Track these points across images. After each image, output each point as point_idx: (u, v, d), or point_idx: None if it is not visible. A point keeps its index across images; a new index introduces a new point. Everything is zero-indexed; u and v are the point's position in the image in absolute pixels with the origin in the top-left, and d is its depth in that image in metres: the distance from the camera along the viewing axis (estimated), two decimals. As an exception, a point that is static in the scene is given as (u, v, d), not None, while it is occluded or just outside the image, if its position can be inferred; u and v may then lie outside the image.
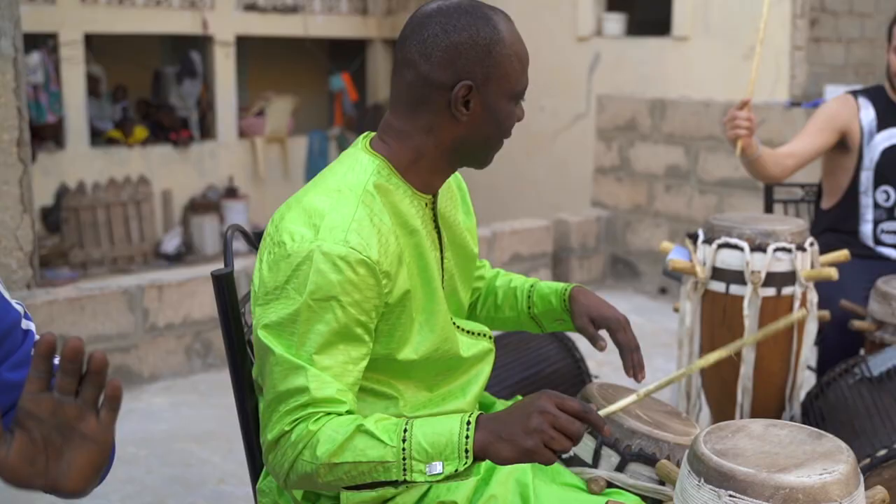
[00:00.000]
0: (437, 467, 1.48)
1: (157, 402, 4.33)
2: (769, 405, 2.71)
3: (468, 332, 1.88)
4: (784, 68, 7.64)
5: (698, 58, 8.04)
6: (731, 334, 2.65)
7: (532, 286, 2.05)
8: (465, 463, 1.48)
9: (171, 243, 10.80)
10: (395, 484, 1.51)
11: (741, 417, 2.68)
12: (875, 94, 3.50)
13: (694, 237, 2.75)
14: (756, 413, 2.69)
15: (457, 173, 1.93)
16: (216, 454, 3.76)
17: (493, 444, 1.48)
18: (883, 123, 3.43)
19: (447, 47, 1.62)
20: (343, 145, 10.73)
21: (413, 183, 1.70)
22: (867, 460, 2.20)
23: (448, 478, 1.49)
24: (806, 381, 3.02)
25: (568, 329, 2.06)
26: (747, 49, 7.77)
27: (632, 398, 1.68)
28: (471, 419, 1.50)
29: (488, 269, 2.14)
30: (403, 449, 1.48)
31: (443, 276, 1.79)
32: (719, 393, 2.74)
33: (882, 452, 2.20)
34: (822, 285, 3.32)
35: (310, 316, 1.55)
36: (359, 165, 1.68)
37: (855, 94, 3.52)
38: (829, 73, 7.94)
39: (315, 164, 10.73)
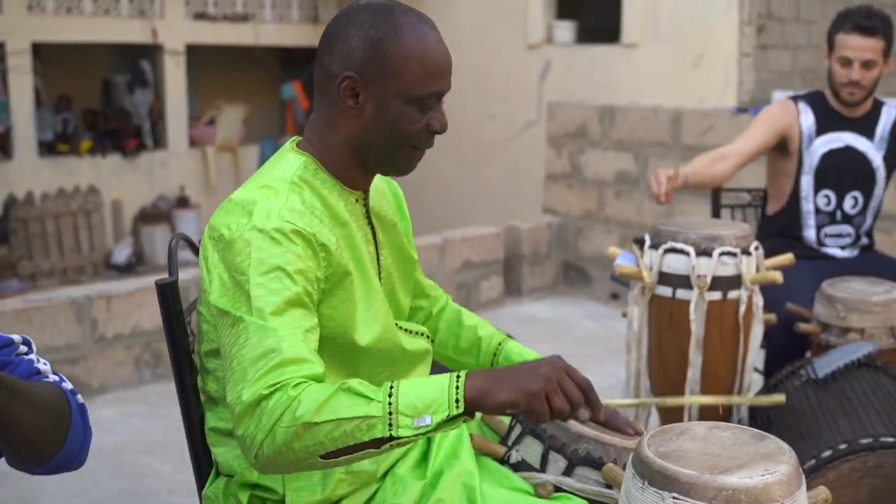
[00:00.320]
0: (427, 419, 1.45)
1: (106, 414, 4.28)
2: (717, 408, 2.73)
3: (407, 330, 1.88)
4: (732, 75, 7.74)
5: (647, 64, 8.11)
6: (678, 339, 2.68)
7: (500, 345, 2.00)
8: (457, 410, 1.46)
9: (122, 254, 10.68)
10: (379, 444, 1.46)
11: (689, 421, 2.70)
12: (815, 100, 3.55)
13: (641, 242, 2.78)
14: (704, 416, 2.72)
15: (392, 181, 1.95)
16: (166, 465, 3.72)
17: (489, 389, 1.47)
18: (822, 128, 3.48)
19: (343, 38, 1.65)
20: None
21: (341, 178, 1.72)
22: (812, 462, 2.23)
23: (438, 427, 1.46)
24: (754, 383, 3.06)
25: None
26: (696, 56, 7.87)
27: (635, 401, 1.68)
28: (460, 373, 1.50)
29: (442, 296, 2.09)
30: (390, 403, 1.45)
31: (380, 273, 1.80)
32: (667, 397, 2.76)
33: (827, 453, 2.23)
34: (769, 288, 3.36)
35: (260, 291, 1.54)
36: (286, 162, 1.71)
37: (795, 98, 3.57)
38: (777, 80, 8.05)
39: (267, 173, 10.62)
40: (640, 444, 1.64)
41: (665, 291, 2.68)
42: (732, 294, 2.65)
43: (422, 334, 1.92)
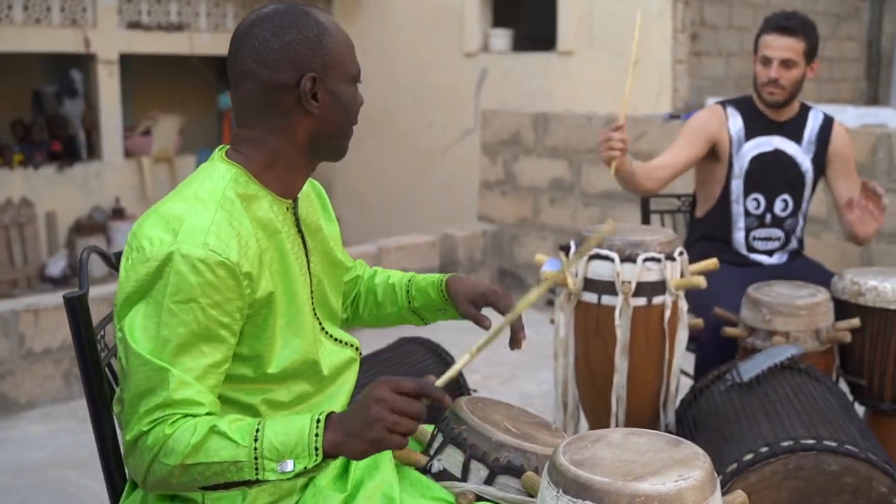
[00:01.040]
0: (289, 465, 1.52)
1: (34, 430, 4.19)
2: (644, 413, 2.74)
3: (336, 339, 1.89)
4: (667, 81, 7.82)
5: (583, 71, 8.17)
6: (604, 345, 2.68)
7: (409, 281, 2.11)
8: (315, 460, 1.52)
9: (57, 266, 10.48)
10: (248, 484, 1.55)
11: (616, 427, 2.71)
12: (743, 104, 3.59)
13: (566, 249, 2.78)
14: (631, 422, 2.73)
15: (316, 183, 1.97)
16: (95, 481, 3.64)
17: (343, 443, 1.53)
18: (751, 132, 3.52)
19: (281, 48, 1.67)
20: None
21: (273, 188, 1.73)
22: (734, 465, 2.25)
23: (299, 475, 1.53)
24: (685, 388, 3.08)
25: (451, 317, 2.12)
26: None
27: (465, 358, 1.70)
28: (320, 417, 1.55)
29: (365, 268, 2.18)
30: (255, 448, 1.52)
31: (311, 281, 1.81)
32: (594, 403, 2.77)
33: (748, 457, 2.25)
34: (698, 293, 3.39)
35: (170, 319, 1.57)
36: (216, 174, 1.71)
37: (723, 104, 3.61)
38: (711, 86, 8.16)
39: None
40: (556, 452, 1.64)
41: (591, 298, 2.69)
42: (657, 299, 2.66)
43: (350, 345, 1.93)
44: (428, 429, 2.03)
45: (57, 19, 10.19)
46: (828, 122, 3.59)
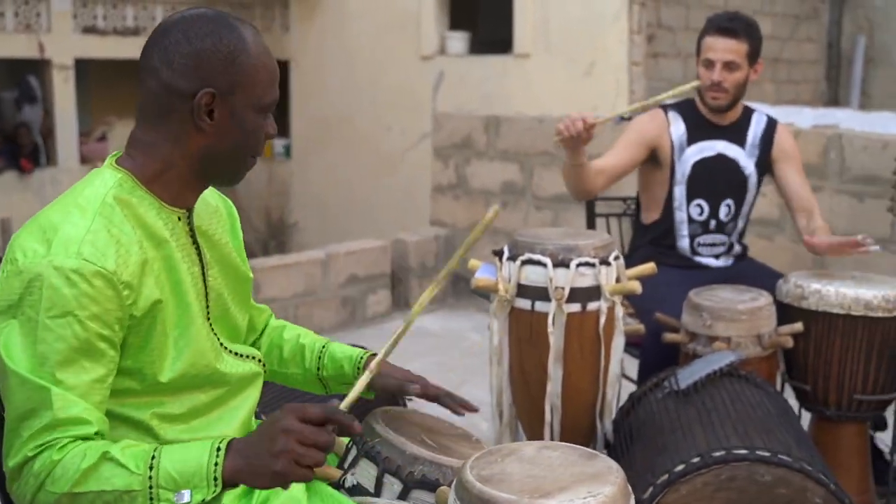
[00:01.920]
0: (185, 496, 1.45)
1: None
2: (580, 422, 2.67)
3: (236, 353, 1.82)
4: (623, 83, 7.77)
5: (540, 74, 8.11)
6: (537, 352, 2.61)
7: (324, 347, 2.01)
8: (214, 491, 1.45)
9: (8, 275, 10.31)
10: None
11: (551, 437, 2.64)
12: (686, 108, 3.53)
13: (500, 254, 2.71)
14: (567, 431, 2.66)
15: (227, 200, 1.91)
16: None
17: (243, 473, 1.46)
18: (693, 137, 3.46)
19: (189, 54, 1.59)
20: (189, 169, 10.44)
21: (161, 196, 1.66)
22: (665, 476, 2.18)
23: None
24: (626, 393, 3.01)
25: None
26: (587, 65, 7.89)
27: (366, 376, 1.60)
28: (221, 445, 1.47)
29: (272, 318, 2.09)
30: (150, 477, 1.45)
31: (207, 294, 1.74)
32: (530, 412, 2.70)
33: (680, 467, 2.18)
34: (642, 298, 3.32)
35: (47, 335, 1.49)
36: (99, 180, 1.63)
37: (665, 108, 3.55)
38: (668, 87, 8.10)
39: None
40: (463, 468, 1.57)
41: (524, 304, 2.62)
42: (592, 305, 2.59)
43: (252, 357, 1.86)
44: (344, 440, 1.97)
45: (11, 24, 10.03)
46: (771, 125, 3.54)
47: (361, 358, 1.98)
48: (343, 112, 9.49)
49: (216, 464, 1.45)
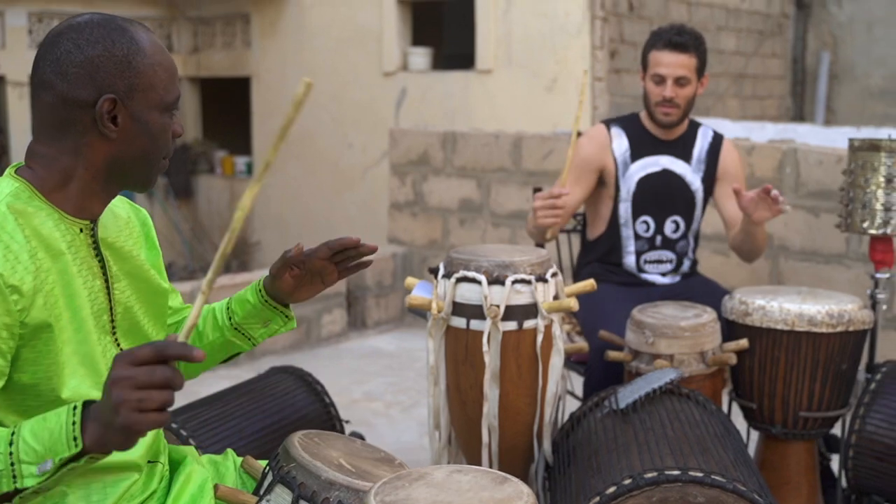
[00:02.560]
0: (47, 465, 1.37)
1: None
2: (519, 443, 2.64)
3: None
4: (586, 99, 7.79)
5: (502, 90, 8.12)
6: (474, 372, 2.57)
7: (230, 299, 1.99)
8: (75, 450, 1.35)
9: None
10: (10, 497, 1.41)
11: (489, 459, 2.61)
12: (629, 123, 3.52)
13: (435, 271, 2.68)
14: (505, 452, 2.62)
15: (140, 209, 1.88)
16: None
17: (100, 435, 1.36)
18: (637, 153, 3.45)
19: (82, 62, 1.56)
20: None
21: (62, 206, 1.62)
22: (596, 498, 2.15)
23: (61, 469, 1.37)
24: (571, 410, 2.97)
25: (277, 328, 2.00)
26: (549, 81, 7.91)
27: (200, 299, 1.46)
28: (77, 405, 1.39)
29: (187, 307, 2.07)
30: (10, 453, 1.39)
31: (112, 308, 1.70)
32: (467, 433, 2.66)
33: (611, 489, 2.15)
34: (587, 316, 3.31)
35: None
36: None
37: (608, 123, 3.53)
38: (632, 103, 8.14)
39: (119, 208, 10.28)
40: (369, 493, 1.53)
41: (459, 323, 2.58)
42: (529, 323, 2.56)
43: None
44: (262, 463, 1.93)
45: (-35, 41, 9.95)
46: (717, 140, 3.53)
47: (259, 281, 1.95)
48: (305, 129, 9.46)
49: (73, 423, 1.37)
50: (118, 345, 1.71)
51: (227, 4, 10.06)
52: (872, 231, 3.21)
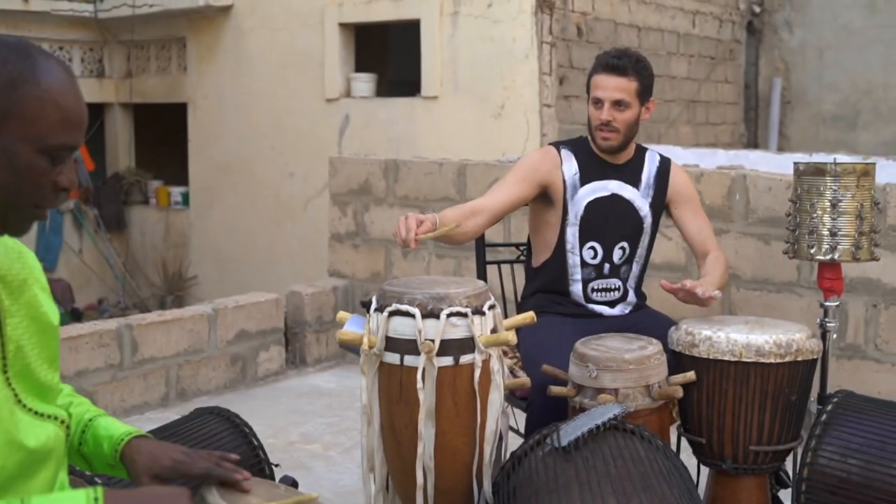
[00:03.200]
0: None
1: None
2: (457, 485, 2.60)
3: (36, 412, 1.68)
4: (534, 126, 7.84)
5: (449, 117, 8.15)
6: (408, 410, 2.54)
7: (90, 420, 1.88)
8: None
9: None
10: None
11: (424, 501, 2.57)
12: (579, 146, 3.52)
13: (367, 305, 2.64)
14: (442, 494, 2.58)
15: (27, 251, 1.78)
16: None
17: None
18: (586, 177, 3.45)
19: None
20: (80, 220, 10.24)
21: None
22: (534, 540, 2.12)
23: None
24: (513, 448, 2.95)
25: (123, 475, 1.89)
26: (496, 107, 7.95)
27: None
28: (98, 496, 1.40)
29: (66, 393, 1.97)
30: None
31: (4, 345, 1.64)
32: (403, 475, 2.61)
33: (550, 530, 2.12)
34: (530, 349, 3.29)
35: None
36: None
37: (558, 145, 3.54)
38: (581, 130, 8.18)
39: (48, 242, 10.15)
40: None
41: (392, 358, 2.55)
42: (465, 358, 2.53)
43: (54, 418, 1.72)
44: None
45: None
46: (665, 164, 3.55)
47: (122, 441, 1.84)
48: (244, 157, 9.42)
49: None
50: (10, 385, 1.64)
51: (162, 28, 10.01)
52: (820, 257, 3.24)
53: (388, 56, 10.36)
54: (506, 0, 7.78)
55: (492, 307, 2.61)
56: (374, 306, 2.61)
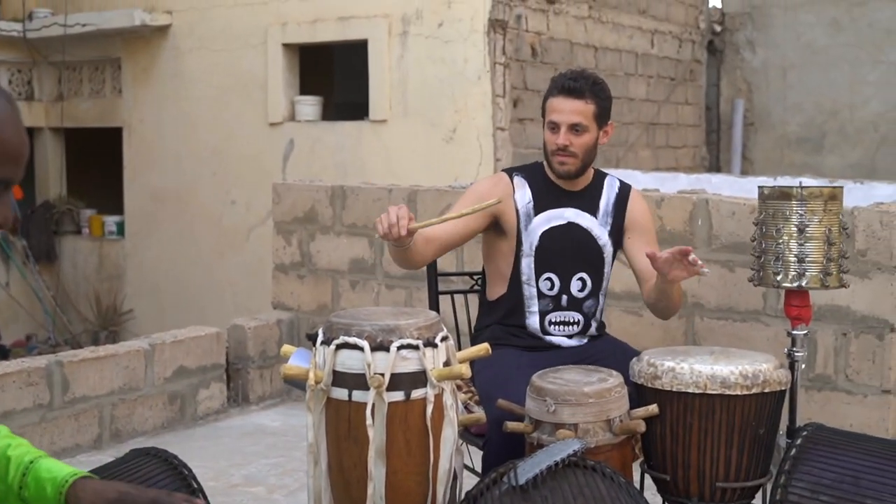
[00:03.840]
0: None
1: None
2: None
3: None
4: (487, 150, 7.88)
5: (399, 141, 8.16)
6: (357, 449, 2.51)
7: (31, 463, 1.88)
8: None
9: None
10: None
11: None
12: (533, 173, 3.52)
13: (313, 338, 2.62)
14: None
15: None
16: None
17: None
18: (541, 205, 3.45)
19: None
20: (6, 251, 10.10)
21: None
22: (492, 585, 2.10)
23: None
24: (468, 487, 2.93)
25: None
26: (448, 131, 7.97)
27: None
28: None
29: None
30: None
31: None
32: (352, 518, 2.59)
33: (508, 574, 2.10)
34: (486, 383, 3.28)
35: None
36: None
37: (511, 172, 3.54)
38: (537, 154, 8.22)
39: (-28, 275, 10.01)
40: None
41: (340, 394, 2.52)
42: (417, 393, 2.51)
43: None
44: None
45: None
46: (624, 191, 3.56)
47: (66, 483, 1.84)
48: (182, 184, 9.35)
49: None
50: None
51: (96, 48, 9.93)
52: (786, 284, 3.26)
53: (335, 78, 10.37)
54: (457, 19, 7.82)
55: (444, 339, 2.60)
56: (320, 339, 2.58)
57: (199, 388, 5.34)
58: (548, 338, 3.47)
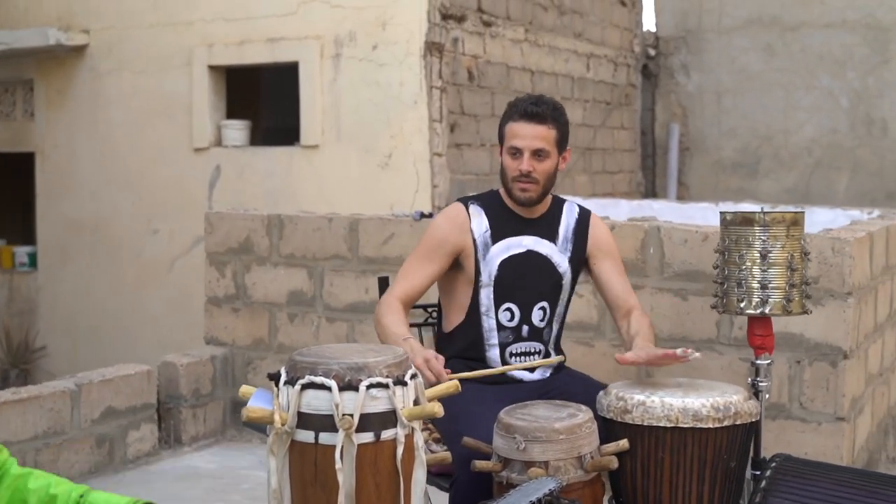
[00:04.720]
0: None
1: None
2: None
3: None
4: (425, 176, 7.87)
5: (331, 167, 8.12)
6: (325, 495, 2.48)
7: (81, 497, 2.01)
8: None
9: None
10: None
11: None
12: (489, 201, 3.53)
13: (276, 378, 2.58)
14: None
15: None
16: None
17: None
18: (499, 233, 3.46)
19: None
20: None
21: None
22: None
23: None
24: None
25: None
26: (383, 157, 7.96)
27: None
28: None
29: (13, 464, 2.00)
30: None
31: None
32: (317, 567, 2.54)
33: None
34: (448, 420, 3.25)
35: None
36: None
37: (466, 201, 3.54)
38: (475, 181, 8.27)
39: None
40: None
41: (306, 437, 2.48)
42: (387, 434, 2.49)
43: None
44: None
45: None
46: (584, 216, 3.59)
47: None
48: (100, 213, 9.19)
49: None
50: None
51: (6, 69, 9.74)
52: (750, 311, 3.31)
53: (263, 102, 10.30)
54: (392, 42, 7.82)
55: (413, 376, 2.58)
56: (283, 379, 2.55)
57: (128, 430, 5.22)
58: (510, 373, 3.46)
